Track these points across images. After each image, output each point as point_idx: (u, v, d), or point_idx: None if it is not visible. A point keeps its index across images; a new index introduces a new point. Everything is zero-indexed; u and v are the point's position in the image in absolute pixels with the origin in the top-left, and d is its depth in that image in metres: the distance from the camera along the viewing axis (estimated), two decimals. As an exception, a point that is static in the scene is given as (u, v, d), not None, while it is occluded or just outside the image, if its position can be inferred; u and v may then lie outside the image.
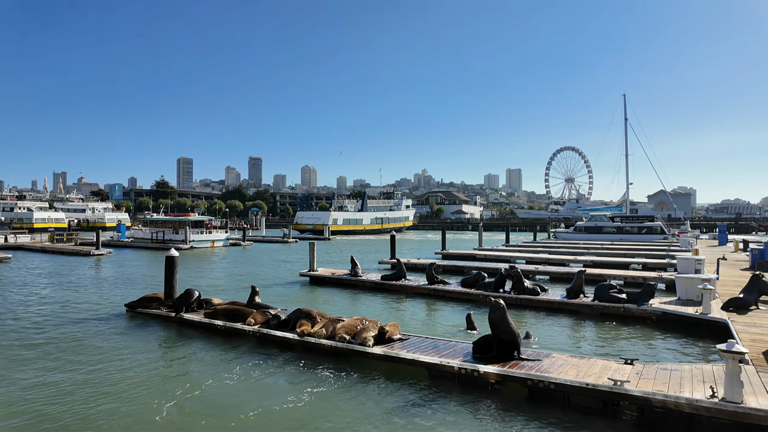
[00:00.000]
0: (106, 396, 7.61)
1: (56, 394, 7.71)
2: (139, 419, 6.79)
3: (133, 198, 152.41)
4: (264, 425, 6.65)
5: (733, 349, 5.85)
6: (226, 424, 6.64)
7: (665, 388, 6.63)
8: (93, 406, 7.23)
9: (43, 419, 6.77)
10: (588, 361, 8.08)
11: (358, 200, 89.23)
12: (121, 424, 6.62)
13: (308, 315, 10.75)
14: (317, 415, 6.93)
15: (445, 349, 8.96)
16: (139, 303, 13.89)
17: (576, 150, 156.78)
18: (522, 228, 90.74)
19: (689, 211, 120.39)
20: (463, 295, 16.36)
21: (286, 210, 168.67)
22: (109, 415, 6.91)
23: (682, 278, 14.23)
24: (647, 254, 29.68)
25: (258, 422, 6.72)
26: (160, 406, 7.21)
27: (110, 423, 6.66)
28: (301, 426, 6.63)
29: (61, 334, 11.54)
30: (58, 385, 8.07)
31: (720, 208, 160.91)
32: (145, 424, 6.65)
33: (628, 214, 55.48)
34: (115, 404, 7.29)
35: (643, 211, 60.33)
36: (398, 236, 66.92)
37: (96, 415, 6.89)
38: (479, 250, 33.75)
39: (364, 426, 6.60)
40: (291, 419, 6.81)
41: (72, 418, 6.79)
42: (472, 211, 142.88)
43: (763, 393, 6.22)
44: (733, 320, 10.73)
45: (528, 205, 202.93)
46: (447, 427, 6.50)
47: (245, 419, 6.80)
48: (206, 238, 44.11)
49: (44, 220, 76.36)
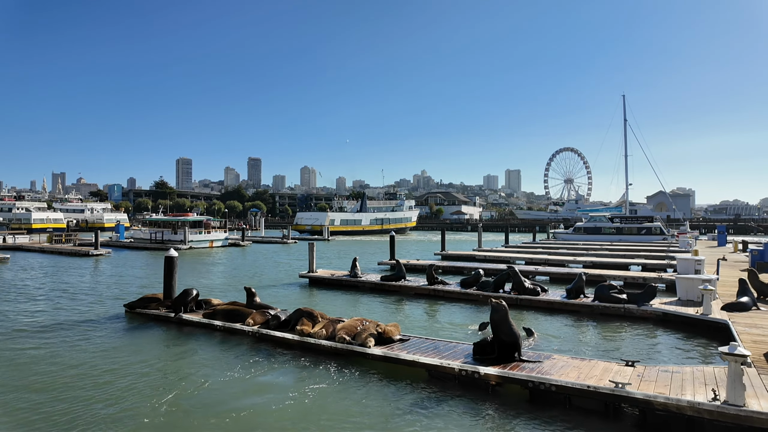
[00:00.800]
0: (105, 396, 7.56)
1: (55, 394, 7.65)
2: (139, 420, 6.74)
3: (132, 198, 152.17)
4: (264, 426, 6.60)
5: (735, 352, 5.81)
6: (225, 424, 6.60)
7: (667, 390, 6.59)
8: (92, 406, 7.17)
9: (42, 420, 6.72)
10: (589, 363, 8.04)
11: (359, 201, 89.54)
12: (120, 424, 6.57)
13: (310, 314, 10.70)
14: (317, 415, 6.89)
15: (446, 350, 8.92)
16: (138, 303, 13.83)
17: (575, 151, 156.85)
18: (521, 229, 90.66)
19: (688, 212, 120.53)
20: (463, 295, 16.32)
21: (286, 211, 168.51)
22: (108, 414, 6.86)
23: (682, 279, 14.22)
24: (647, 255, 29.64)
25: (258, 423, 6.67)
26: (159, 407, 7.16)
27: (109, 423, 6.61)
28: (301, 427, 6.58)
29: (60, 335, 11.48)
30: (56, 386, 8.02)
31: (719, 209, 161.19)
32: (145, 425, 6.60)
33: (627, 214, 55.55)
34: (114, 404, 7.23)
35: (642, 211, 60.56)
36: (401, 237, 67.66)
37: (95, 415, 6.84)
38: (479, 250, 33.72)
39: (364, 427, 6.56)
40: (290, 420, 6.76)
41: (71, 418, 6.74)
42: (472, 212, 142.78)
43: (765, 396, 6.19)
44: (734, 321, 10.70)
45: (527, 206, 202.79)
46: (447, 429, 6.45)
47: (245, 420, 6.75)
48: (205, 238, 44.03)
49: (43, 221, 76.12)
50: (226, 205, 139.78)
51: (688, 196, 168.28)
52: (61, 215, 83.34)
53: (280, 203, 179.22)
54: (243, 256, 36.24)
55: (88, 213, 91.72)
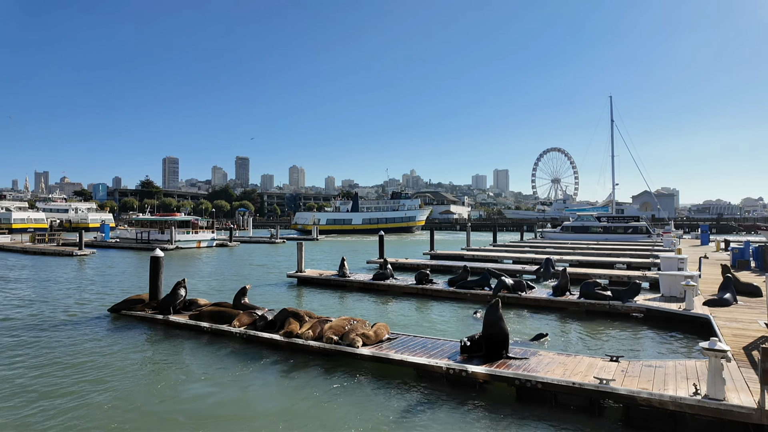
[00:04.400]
0: (86, 402, 7.43)
1: (32, 400, 7.50)
2: (124, 424, 6.64)
3: (118, 198, 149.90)
4: (251, 427, 6.56)
5: (716, 348, 5.93)
6: (212, 426, 6.54)
7: (650, 385, 6.70)
8: (73, 412, 7.05)
9: (22, 425, 6.59)
10: (574, 359, 8.14)
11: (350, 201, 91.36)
12: (103, 428, 6.47)
13: (295, 314, 10.64)
14: (305, 416, 6.86)
15: (433, 348, 8.96)
16: (123, 305, 13.61)
17: (562, 151, 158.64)
18: (509, 228, 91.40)
19: (672, 212, 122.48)
20: (451, 294, 16.41)
21: (274, 210, 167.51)
22: (90, 418, 6.75)
23: (665, 275, 14.47)
24: (632, 254, 30.12)
25: (246, 425, 6.63)
26: (145, 412, 7.07)
27: (92, 426, 6.51)
28: (288, 427, 6.55)
29: (40, 338, 11.24)
30: (37, 390, 7.86)
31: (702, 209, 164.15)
32: (130, 429, 6.51)
33: (614, 214, 56.25)
34: (96, 409, 7.12)
35: (628, 211, 61.29)
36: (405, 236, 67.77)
37: (77, 419, 6.73)
38: (467, 250, 33.89)
39: (353, 427, 6.55)
40: (278, 421, 6.72)
41: (52, 423, 6.62)
42: (460, 212, 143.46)
43: (745, 389, 6.32)
44: (715, 316, 10.92)
45: (515, 206, 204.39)
46: (435, 428, 6.48)
47: (233, 422, 6.70)
48: (192, 238, 43.59)
49: (23, 221, 74.62)
50: (214, 205, 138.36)
51: (673, 195, 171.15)
52: (43, 215, 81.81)
53: (268, 203, 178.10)
54: (230, 256, 35.94)
55: (72, 213, 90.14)
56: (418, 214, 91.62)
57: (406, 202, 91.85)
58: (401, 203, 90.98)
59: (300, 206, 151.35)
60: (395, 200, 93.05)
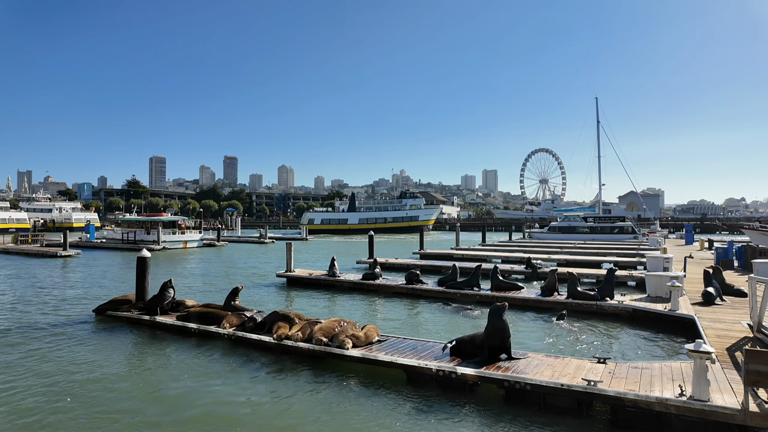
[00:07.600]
0: (70, 406, 7.29)
1: (17, 402, 7.35)
2: (106, 427, 6.53)
3: (103, 198, 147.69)
4: (240, 430, 6.50)
5: (700, 349, 6.02)
6: (199, 428, 6.47)
7: (636, 387, 6.78)
8: (56, 416, 6.92)
9: (5, 429, 6.45)
10: (563, 361, 8.20)
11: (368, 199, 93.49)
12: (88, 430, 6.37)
13: (285, 317, 10.57)
14: (294, 418, 6.82)
15: (423, 350, 8.96)
16: (108, 306, 13.41)
17: (550, 152, 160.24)
18: (498, 228, 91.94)
19: (658, 212, 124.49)
20: (441, 294, 16.46)
21: (263, 210, 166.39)
22: (73, 422, 6.63)
23: (651, 276, 14.67)
24: (618, 253, 30.52)
25: (234, 427, 6.56)
26: (129, 414, 6.96)
27: (76, 429, 6.40)
28: (277, 429, 6.50)
29: (22, 342, 10.99)
30: (20, 393, 7.70)
31: (687, 209, 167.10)
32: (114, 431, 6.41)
33: (600, 214, 56.93)
34: (81, 411, 6.99)
35: (615, 211, 62.21)
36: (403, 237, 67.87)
37: (59, 422, 6.60)
38: (456, 249, 34.03)
39: (342, 428, 6.53)
40: (268, 423, 6.67)
41: (34, 427, 6.49)
42: (450, 212, 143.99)
43: (729, 390, 6.43)
44: (699, 316, 11.09)
45: (504, 206, 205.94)
46: (425, 429, 6.48)
47: (221, 424, 6.63)
48: (179, 238, 43.13)
49: (5, 221, 73.02)
50: (202, 205, 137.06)
51: (658, 196, 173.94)
52: (25, 215, 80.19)
53: (257, 203, 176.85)
54: (218, 257, 35.62)
55: (56, 213, 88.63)
56: (421, 213, 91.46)
57: (406, 202, 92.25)
58: (403, 203, 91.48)
59: (289, 206, 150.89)
60: (399, 200, 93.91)
